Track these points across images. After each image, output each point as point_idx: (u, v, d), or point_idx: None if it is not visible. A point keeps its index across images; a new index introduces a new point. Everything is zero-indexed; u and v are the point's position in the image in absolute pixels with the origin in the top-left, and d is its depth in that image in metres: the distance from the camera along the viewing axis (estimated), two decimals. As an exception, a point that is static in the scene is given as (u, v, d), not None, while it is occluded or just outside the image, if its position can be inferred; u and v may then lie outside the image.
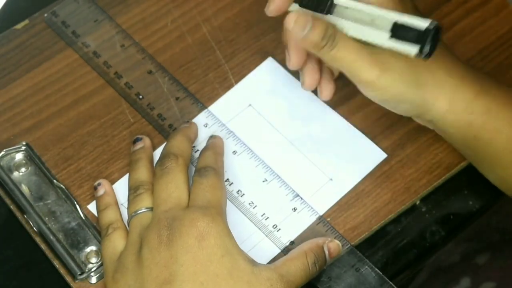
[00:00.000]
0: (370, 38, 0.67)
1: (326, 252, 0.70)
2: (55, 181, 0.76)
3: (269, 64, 0.82)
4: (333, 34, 0.67)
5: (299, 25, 0.68)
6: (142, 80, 0.82)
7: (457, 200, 0.77)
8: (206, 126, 0.78)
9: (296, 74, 0.80)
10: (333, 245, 0.71)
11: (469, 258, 0.82)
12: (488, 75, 0.74)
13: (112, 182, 0.77)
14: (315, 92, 0.79)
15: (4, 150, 0.77)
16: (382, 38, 0.67)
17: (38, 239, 0.75)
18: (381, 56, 0.67)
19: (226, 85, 0.83)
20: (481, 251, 0.80)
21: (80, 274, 0.72)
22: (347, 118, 0.79)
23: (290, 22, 0.68)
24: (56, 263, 0.74)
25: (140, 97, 0.81)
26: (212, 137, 0.77)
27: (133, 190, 0.72)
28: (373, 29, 0.67)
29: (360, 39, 0.68)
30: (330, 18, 0.68)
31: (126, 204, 0.74)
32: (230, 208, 0.73)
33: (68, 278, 0.73)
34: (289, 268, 0.68)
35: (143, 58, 0.83)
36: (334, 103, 0.80)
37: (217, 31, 0.85)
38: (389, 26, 0.66)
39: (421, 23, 0.65)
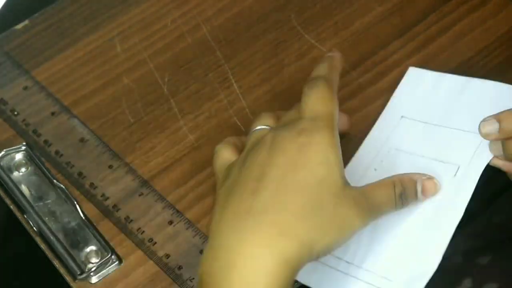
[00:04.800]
0: None
1: (419, 189, 0.69)
2: (55, 181, 0.76)
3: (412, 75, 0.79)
4: None
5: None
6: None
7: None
8: None
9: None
10: (429, 184, 0.69)
11: (471, 259, 0.82)
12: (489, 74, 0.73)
13: (113, 182, 0.77)
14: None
15: (4, 150, 0.77)
16: None
17: (38, 239, 0.74)
18: None
19: (226, 85, 0.83)
20: (483, 251, 0.80)
21: (80, 274, 0.72)
22: None
23: None
24: (56, 263, 0.74)
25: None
26: (331, 52, 0.74)
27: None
28: None
29: None
30: None
31: None
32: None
33: (68, 278, 0.73)
34: (375, 194, 0.66)
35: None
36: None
37: (217, 31, 0.85)
38: None
39: None
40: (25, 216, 0.75)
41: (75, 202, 0.76)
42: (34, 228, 0.75)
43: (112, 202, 0.77)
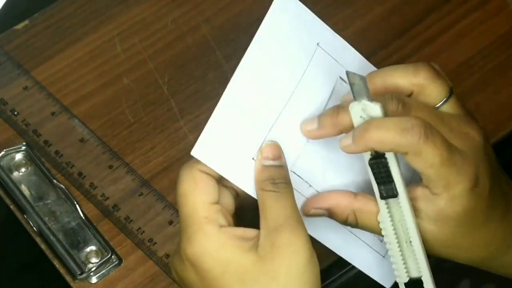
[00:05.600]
0: None
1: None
2: (55, 181, 0.76)
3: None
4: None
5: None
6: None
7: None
8: None
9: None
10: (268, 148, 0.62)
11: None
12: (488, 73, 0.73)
13: (113, 182, 0.77)
14: None
15: (4, 150, 0.77)
16: None
17: (38, 239, 0.75)
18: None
19: (226, 85, 0.82)
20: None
21: (80, 274, 0.72)
22: None
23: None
24: (56, 263, 0.74)
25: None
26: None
27: None
28: None
29: None
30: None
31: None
32: None
33: (68, 278, 0.73)
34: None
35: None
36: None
37: (217, 31, 0.85)
38: None
39: None
40: (25, 216, 0.75)
41: (75, 202, 0.76)
42: (34, 228, 0.75)
43: (112, 202, 0.77)
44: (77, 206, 0.75)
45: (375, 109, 0.59)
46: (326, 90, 0.64)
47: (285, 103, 0.63)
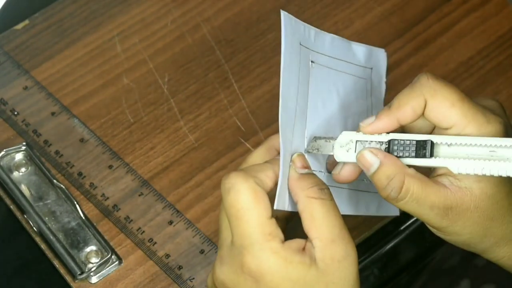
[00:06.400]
0: (497, 172, 0.59)
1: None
2: (55, 181, 0.76)
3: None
4: (397, 187, 0.59)
5: (363, 162, 0.61)
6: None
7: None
8: None
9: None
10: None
11: (469, 260, 0.82)
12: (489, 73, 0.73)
13: (113, 182, 0.77)
14: None
15: (4, 150, 0.77)
16: None
17: (38, 239, 0.75)
18: (454, 211, 0.61)
19: (226, 85, 0.83)
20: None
21: (80, 274, 0.72)
22: None
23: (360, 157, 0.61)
24: (56, 263, 0.74)
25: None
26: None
27: None
28: (500, 162, 0.58)
29: (478, 174, 0.60)
30: (437, 161, 0.60)
31: None
32: None
33: (68, 278, 0.73)
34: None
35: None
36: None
37: (217, 31, 0.85)
38: None
39: None
40: (25, 216, 0.75)
41: (75, 202, 0.76)
42: (34, 228, 0.75)
43: (112, 202, 0.77)
44: (77, 206, 0.75)
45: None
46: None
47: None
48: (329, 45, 0.66)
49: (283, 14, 0.61)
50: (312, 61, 0.65)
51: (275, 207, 0.59)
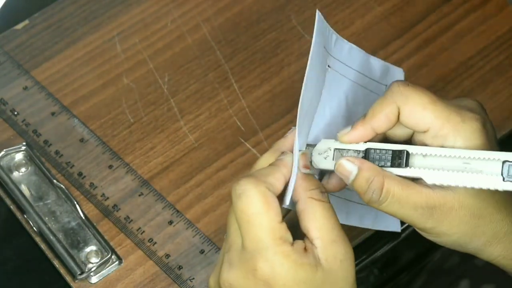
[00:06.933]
0: (470, 184, 0.59)
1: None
2: (55, 181, 0.76)
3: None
4: (378, 189, 0.60)
5: (342, 171, 0.61)
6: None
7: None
8: None
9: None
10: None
11: (468, 260, 0.82)
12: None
13: (113, 182, 0.77)
14: None
15: (4, 150, 0.77)
16: (494, 183, 0.58)
17: (38, 239, 0.75)
18: (439, 210, 0.61)
19: (226, 85, 0.83)
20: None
21: (80, 274, 0.72)
22: None
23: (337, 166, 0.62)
24: (56, 263, 0.74)
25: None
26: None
27: None
28: (473, 174, 0.59)
29: (451, 185, 0.60)
30: (412, 171, 0.60)
31: None
32: None
33: (68, 278, 0.73)
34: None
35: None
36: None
37: (217, 31, 0.85)
38: (498, 167, 0.58)
39: None
40: (25, 216, 0.75)
41: (75, 202, 0.76)
42: (34, 228, 0.75)
43: (112, 202, 0.77)
44: (77, 206, 0.75)
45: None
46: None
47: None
48: (347, 54, 0.67)
49: (318, 14, 0.62)
50: (328, 66, 0.65)
51: (285, 206, 0.60)
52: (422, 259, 0.78)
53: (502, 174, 0.58)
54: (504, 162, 0.58)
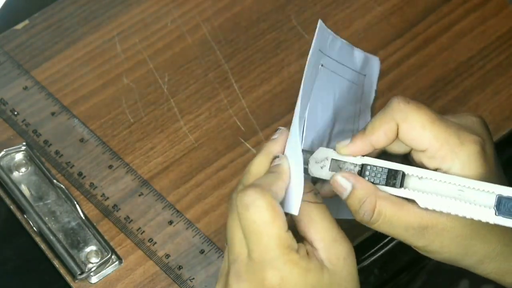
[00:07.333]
0: (462, 213, 0.59)
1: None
2: (55, 181, 0.76)
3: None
4: (369, 211, 0.60)
5: (336, 187, 0.62)
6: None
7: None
8: None
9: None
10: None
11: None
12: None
13: (113, 182, 0.77)
14: None
15: (4, 150, 0.77)
16: (486, 216, 0.58)
17: (38, 239, 0.75)
18: (431, 230, 0.61)
19: (226, 85, 0.83)
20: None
21: (80, 274, 0.72)
22: None
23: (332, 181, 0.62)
24: (56, 263, 0.74)
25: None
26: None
27: None
28: (466, 204, 0.59)
29: (443, 211, 0.60)
30: (406, 192, 0.60)
31: None
32: None
33: (68, 278, 0.73)
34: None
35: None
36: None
37: (217, 31, 0.85)
38: (492, 200, 0.58)
39: None
40: (25, 216, 0.75)
41: (75, 202, 0.76)
42: (34, 228, 0.75)
43: (112, 202, 0.77)
44: (77, 206, 0.75)
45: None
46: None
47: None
48: (338, 50, 0.67)
49: (320, 23, 0.62)
50: (322, 65, 0.65)
51: (289, 212, 0.60)
52: (422, 260, 0.78)
53: (495, 208, 0.58)
54: (498, 196, 0.58)
